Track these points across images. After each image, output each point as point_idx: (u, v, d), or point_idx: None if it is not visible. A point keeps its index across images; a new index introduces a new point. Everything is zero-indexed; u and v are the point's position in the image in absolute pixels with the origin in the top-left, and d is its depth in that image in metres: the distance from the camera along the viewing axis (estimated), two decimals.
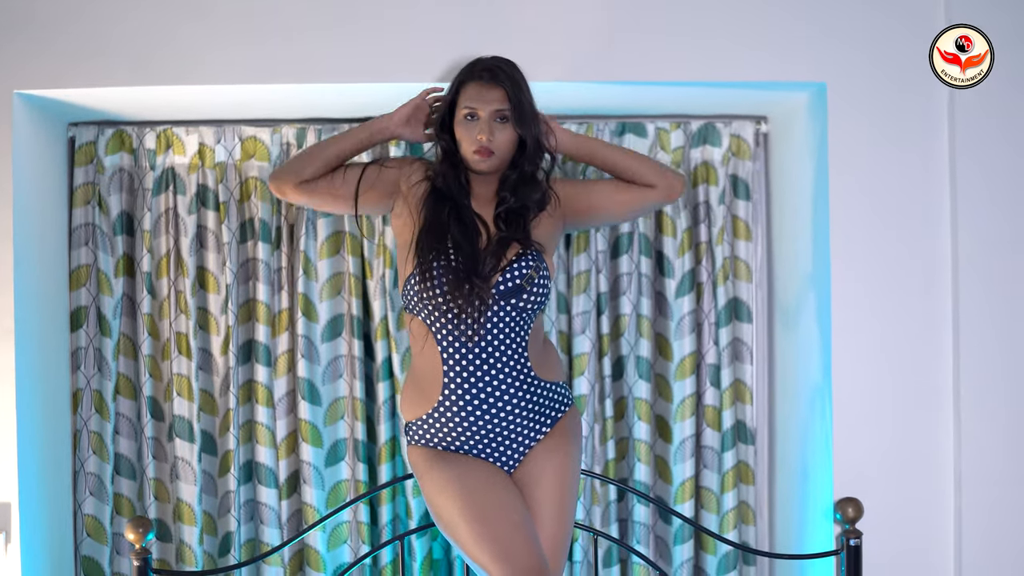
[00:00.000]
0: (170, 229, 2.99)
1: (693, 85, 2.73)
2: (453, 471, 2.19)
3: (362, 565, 2.97)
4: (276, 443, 2.96)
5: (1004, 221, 2.70)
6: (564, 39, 2.68)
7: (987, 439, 2.69)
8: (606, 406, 3.01)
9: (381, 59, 2.67)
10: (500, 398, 2.23)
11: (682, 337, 3.03)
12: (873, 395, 2.71)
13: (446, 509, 2.15)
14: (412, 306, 2.24)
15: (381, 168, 2.33)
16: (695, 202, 3.07)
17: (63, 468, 2.92)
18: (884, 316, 2.72)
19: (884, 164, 2.71)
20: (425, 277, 2.18)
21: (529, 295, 2.22)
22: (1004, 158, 2.69)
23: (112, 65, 2.66)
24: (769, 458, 3.13)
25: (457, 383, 2.22)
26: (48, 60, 2.65)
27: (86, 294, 2.96)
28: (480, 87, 2.22)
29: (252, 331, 3.00)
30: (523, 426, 2.26)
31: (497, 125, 2.22)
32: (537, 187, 2.29)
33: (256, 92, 2.73)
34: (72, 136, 2.97)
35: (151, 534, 2.38)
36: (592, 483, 2.99)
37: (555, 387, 2.33)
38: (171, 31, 2.65)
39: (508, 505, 2.14)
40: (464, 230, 2.22)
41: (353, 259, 2.99)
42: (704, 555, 3.09)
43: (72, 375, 2.96)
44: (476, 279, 2.17)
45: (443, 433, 2.26)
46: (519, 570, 2.01)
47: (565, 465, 2.26)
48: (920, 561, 2.72)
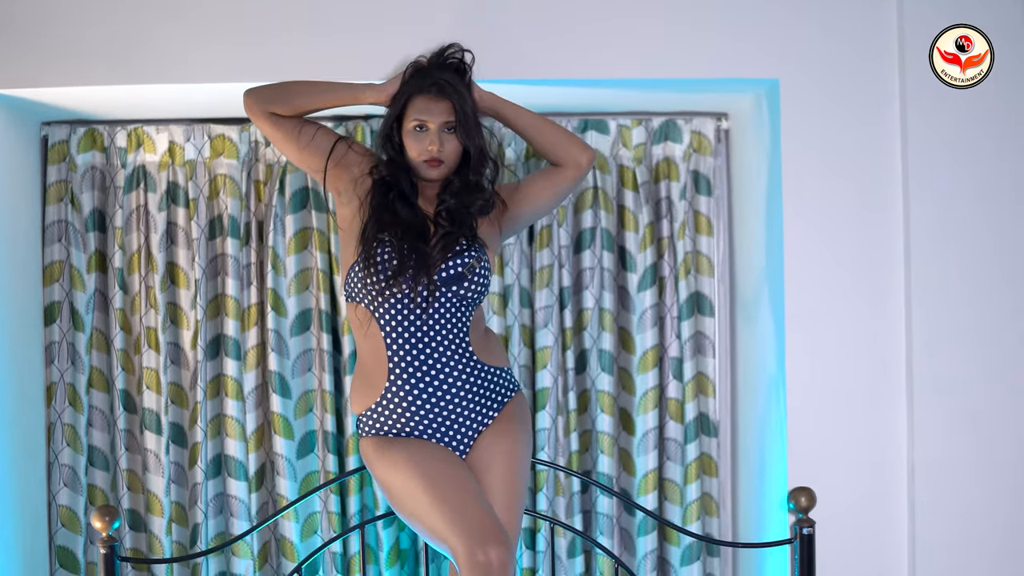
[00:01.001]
0: (141, 226, 3.05)
1: (650, 82, 2.77)
2: (404, 450, 2.26)
3: (333, 555, 3.02)
4: (246, 436, 3.01)
5: (955, 215, 2.73)
6: (525, 37, 2.72)
7: (940, 428, 2.72)
8: (569, 399, 3.05)
9: (351, 59, 2.71)
10: (445, 380, 2.30)
11: (644, 331, 3.07)
12: (826, 386, 2.75)
13: (399, 484, 2.21)
14: (355, 293, 2.32)
15: (349, 148, 2.43)
16: (657, 197, 3.11)
17: (37, 460, 2.98)
18: (837, 308, 2.75)
19: (835, 159, 2.75)
20: (369, 263, 2.26)
21: (470, 283, 2.30)
22: (956, 152, 2.72)
23: (86, 65, 2.70)
24: (732, 450, 3.17)
25: (402, 367, 2.29)
26: (22, 60, 2.70)
27: (59, 290, 3.02)
28: (428, 100, 2.31)
29: (221, 326, 3.05)
30: (470, 409, 2.33)
31: (445, 136, 2.31)
32: (480, 194, 2.38)
33: (226, 91, 2.77)
34: (45, 135, 3.03)
35: (117, 522, 2.43)
36: (556, 475, 3.03)
37: (499, 371, 2.39)
38: (145, 31, 2.70)
39: (461, 476, 2.21)
40: (412, 222, 2.30)
41: (321, 255, 3.04)
42: (668, 546, 3.13)
43: (46, 369, 3.02)
44: (421, 266, 2.25)
45: (392, 420, 2.32)
46: (476, 532, 2.07)
47: (513, 450, 2.33)
48: (874, 549, 2.75)
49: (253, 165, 3.04)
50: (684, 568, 3.10)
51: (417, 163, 2.32)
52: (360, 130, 2.99)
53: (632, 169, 3.07)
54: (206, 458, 3.01)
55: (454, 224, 2.34)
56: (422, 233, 2.31)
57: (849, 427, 2.76)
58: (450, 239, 2.31)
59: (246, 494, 3.02)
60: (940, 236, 2.73)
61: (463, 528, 2.09)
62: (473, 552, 2.05)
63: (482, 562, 2.04)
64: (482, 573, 2.04)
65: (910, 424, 2.73)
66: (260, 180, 3.06)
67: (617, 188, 3.10)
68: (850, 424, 2.76)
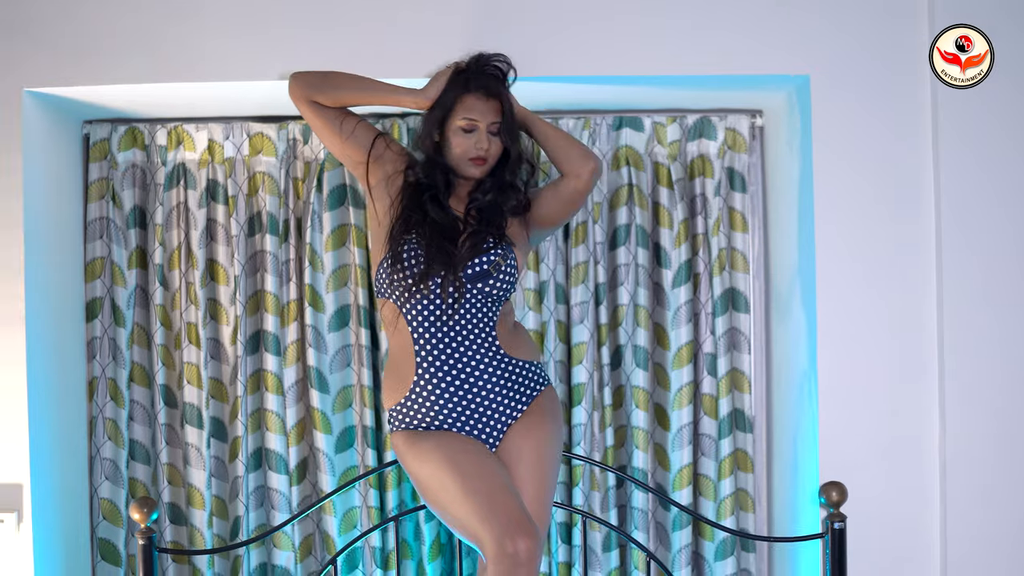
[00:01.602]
0: (181, 223, 3.09)
1: (682, 79, 2.80)
2: (434, 443, 2.28)
3: (372, 549, 3.05)
4: (286, 430, 3.05)
5: (988, 210, 2.74)
6: (560, 34, 2.75)
7: (972, 423, 2.73)
8: (605, 394, 3.07)
9: (386, 57, 2.75)
10: (471, 374, 2.33)
11: (679, 326, 3.09)
12: (858, 381, 2.77)
13: (429, 476, 2.25)
14: (384, 289, 2.36)
15: (387, 146, 2.47)
16: (692, 194, 3.13)
17: (79, 453, 3.03)
18: (869, 304, 2.77)
19: (866, 155, 2.76)
20: (396, 262, 2.30)
21: (495, 281, 2.34)
22: (990, 149, 2.73)
23: (127, 63, 2.75)
24: (767, 446, 3.19)
25: (429, 361, 2.32)
26: (65, 60, 2.75)
27: (101, 286, 3.07)
28: (478, 100, 2.35)
29: (261, 321, 3.09)
30: (498, 402, 2.35)
31: (490, 137, 2.36)
32: (514, 194, 2.42)
33: (264, 89, 2.82)
34: (87, 133, 3.07)
35: (155, 513, 2.47)
36: (592, 470, 3.06)
37: (528, 365, 2.42)
38: (184, 30, 2.74)
39: (490, 468, 2.24)
40: (441, 223, 2.34)
41: (358, 251, 3.07)
42: (702, 541, 3.15)
43: (88, 364, 3.07)
44: (448, 266, 2.29)
45: (422, 413, 2.35)
46: (505, 526, 2.09)
47: (543, 443, 2.35)
48: (907, 543, 2.76)
49: (291, 163, 3.08)
50: (718, 563, 3.11)
51: (461, 161, 2.36)
52: (397, 127, 3.02)
53: (667, 166, 3.09)
54: (247, 452, 3.04)
55: (483, 223, 2.38)
56: (451, 233, 2.35)
57: (880, 422, 2.77)
58: (479, 237, 2.35)
59: (287, 487, 3.05)
60: (972, 231, 2.74)
61: (492, 519, 2.11)
62: (502, 543, 2.08)
63: (510, 553, 2.07)
64: (510, 564, 2.07)
65: (942, 419, 2.74)
66: (298, 177, 3.09)
67: (652, 185, 3.12)
68: (882, 419, 2.77)
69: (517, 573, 2.08)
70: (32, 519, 2.73)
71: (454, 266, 2.30)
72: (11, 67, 2.75)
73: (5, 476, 2.73)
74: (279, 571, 3.08)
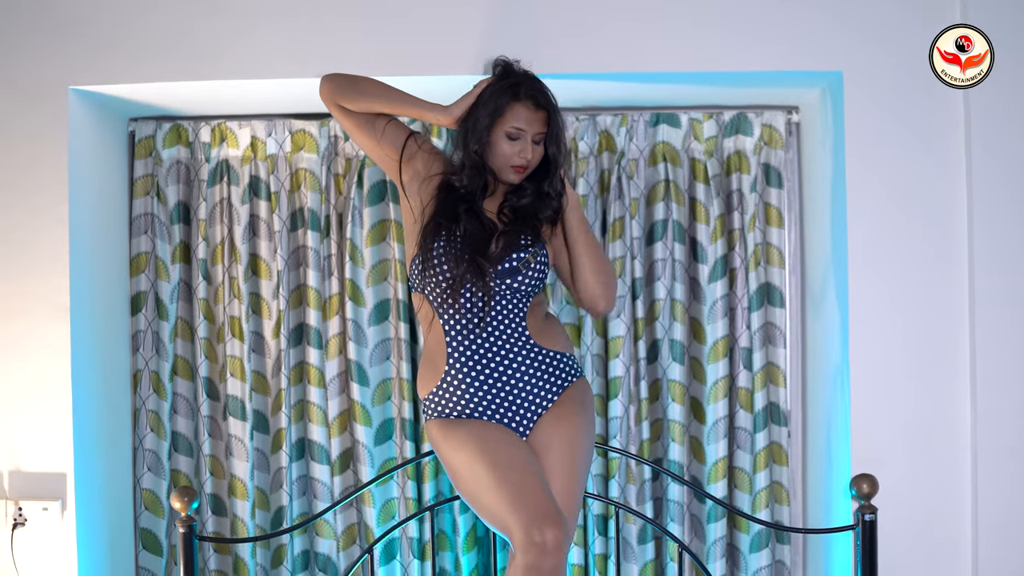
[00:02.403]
0: (224, 218, 3.14)
1: (718, 76, 2.83)
2: (468, 431, 2.33)
3: (410, 540, 3.09)
4: (328, 422, 3.10)
5: (1019, 201, 2.76)
6: (596, 31, 2.79)
7: (1003, 415, 2.76)
8: (641, 388, 3.11)
9: (423, 53, 2.79)
10: (501, 363, 2.37)
11: (715, 321, 3.12)
12: (890, 373, 2.80)
13: (462, 465, 2.29)
14: (416, 284, 2.41)
15: (420, 146, 2.50)
16: (728, 190, 3.16)
17: (122, 444, 3.08)
18: (900, 296, 2.80)
19: (900, 150, 2.79)
20: (428, 263, 2.35)
21: (524, 277, 2.38)
22: (1019, 145, 2.76)
23: (166, 61, 2.81)
24: (803, 439, 3.22)
25: (460, 351, 2.37)
26: (103, 57, 2.80)
27: (145, 280, 3.12)
28: (527, 109, 2.38)
29: (303, 315, 3.14)
30: (528, 391, 2.39)
31: (534, 147, 2.40)
32: (551, 203, 2.46)
33: (305, 87, 2.86)
34: (132, 131, 3.13)
35: (196, 502, 2.49)
36: (628, 462, 3.09)
37: (559, 356, 2.45)
38: (227, 28, 2.79)
39: (522, 457, 2.28)
40: (475, 230, 2.38)
41: (398, 246, 3.12)
42: (737, 533, 3.18)
43: (132, 356, 3.13)
44: (480, 259, 2.33)
45: (454, 401, 2.39)
46: (534, 515, 2.13)
47: (573, 433, 2.38)
48: (938, 535, 2.79)
49: (332, 159, 3.13)
50: (753, 555, 3.14)
51: (503, 166, 2.40)
52: (436, 126, 3.06)
53: (703, 162, 3.13)
54: (290, 442, 3.09)
55: (516, 222, 2.43)
56: (483, 239, 2.38)
57: (912, 414, 2.80)
58: (512, 237, 2.39)
59: (329, 477, 3.10)
60: (1005, 223, 2.76)
61: (521, 509, 2.15)
62: (530, 532, 2.12)
63: (538, 542, 2.11)
64: (537, 553, 2.11)
65: (973, 411, 2.77)
66: (339, 174, 3.14)
67: (689, 181, 3.15)
68: (913, 411, 2.80)
69: (544, 562, 2.12)
70: (76, 507, 2.78)
71: (484, 274, 2.34)
72: (57, 65, 2.80)
73: (50, 465, 2.79)
74: (321, 559, 3.13)
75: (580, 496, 2.37)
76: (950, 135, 2.79)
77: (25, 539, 2.76)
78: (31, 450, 2.78)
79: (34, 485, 2.78)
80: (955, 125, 2.79)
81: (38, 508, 2.75)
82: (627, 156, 3.10)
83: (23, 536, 2.76)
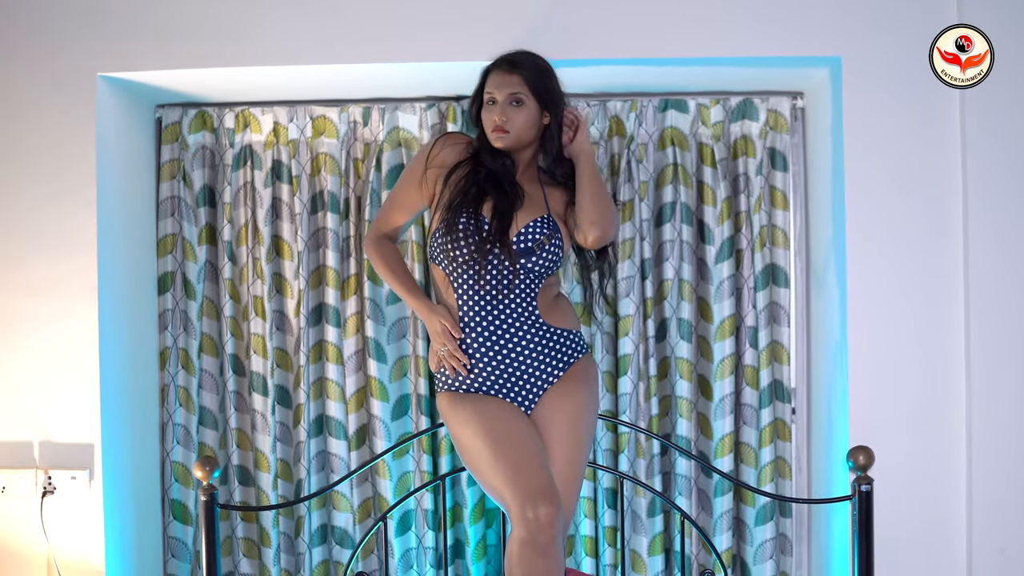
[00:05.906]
0: (248, 201, 3.26)
1: (723, 61, 2.91)
2: (475, 407, 2.44)
3: (424, 511, 3.21)
4: (345, 398, 3.22)
5: (1014, 184, 2.83)
6: (604, 18, 2.87)
7: (998, 390, 2.83)
8: (650, 365, 3.21)
9: (441, 40, 2.89)
10: (510, 339, 2.47)
11: (722, 300, 3.21)
12: (887, 351, 2.88)
13: (468, 439, 2.41)
14: (435, 256, 2.51)
15: (423, 176, 2.58)
16: (735, 173, 3.25)
17: (150, 418, 3.22)
18: (897, 277, 2.88)
19: (895, 134, 2.86)
20: (450, 230, 2.44)
21: (539, 258, 2.47)
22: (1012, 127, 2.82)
23: (192, 49, 2.91)
24: (807, 415, 3.30)
25: (471, 326, 2.48)
26: (131, 45, 2.91)
27: (172, 261, 3.25)
28: (499, 75, 2.49)
29: (322, 295, 3.25)
30: (534, 367, 2.49)
31: (512, 108, 2.47)
32: (564, 162, 2.55)
33: (326, 74, 2.97)
34: (159, 117, 3.25)
35: (217, 471, 2.52)
36: (637, 437, 3.19)
37: (566, 333, 2.55)
38: (250, 15, 2.89)
39: (523, 434, 2.39)
40: (501, 194, 2.47)
41: (415, 228, 3.22)
42: (743, 507, 3.28)
43: (160, 334, 3.26)
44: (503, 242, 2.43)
45: (463, 375, 2.50)
46: (529, 490, 2.26)
47: (577, 409, 2.50)
48: (933, 507, 2.87)
49: (352, 144, 3.24)
50: (758, 527, 3.24)
51: (489, 135, 2.49)
52: (452, 111, 3.16)
53: (711, 146, 3.21)
54: (308, 418, 3.21)
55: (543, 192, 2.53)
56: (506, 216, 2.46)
57: (908, 390, 2.88)
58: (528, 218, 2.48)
59: (345, 452, 3.22)
60: (999, 208, 2.83)
61: (518, 485, 2.27)
62: (524, 508, 2.25)
63: (531, 518, 2.24)
64: (531, 528, 2.24)
65: (968, 385, 2.84)
66: (358, 158, 3.25)
67: (696, 164, 3.24)
68: (909, 387, 2.88)
69: (538, 537, 2.24)
70: (103, 477, 2.91)
71: (506, 252, 2.43)
72: (86, 53, 2.91)
73: (78, 436, 2.91)
74: (338, 532, 3.25)
75: (582, 469, 2.48)
76: (946, 120, 2.86)
77: (54, 506, 2.89)
78: (60, 421, 2.91)
79: (63, 455, 2.91)
80: (951, 111, 2.85)
81: (67, 477, 2.88)
82: (636, 141, 3.19)
83: (52, 503, 2.89)
